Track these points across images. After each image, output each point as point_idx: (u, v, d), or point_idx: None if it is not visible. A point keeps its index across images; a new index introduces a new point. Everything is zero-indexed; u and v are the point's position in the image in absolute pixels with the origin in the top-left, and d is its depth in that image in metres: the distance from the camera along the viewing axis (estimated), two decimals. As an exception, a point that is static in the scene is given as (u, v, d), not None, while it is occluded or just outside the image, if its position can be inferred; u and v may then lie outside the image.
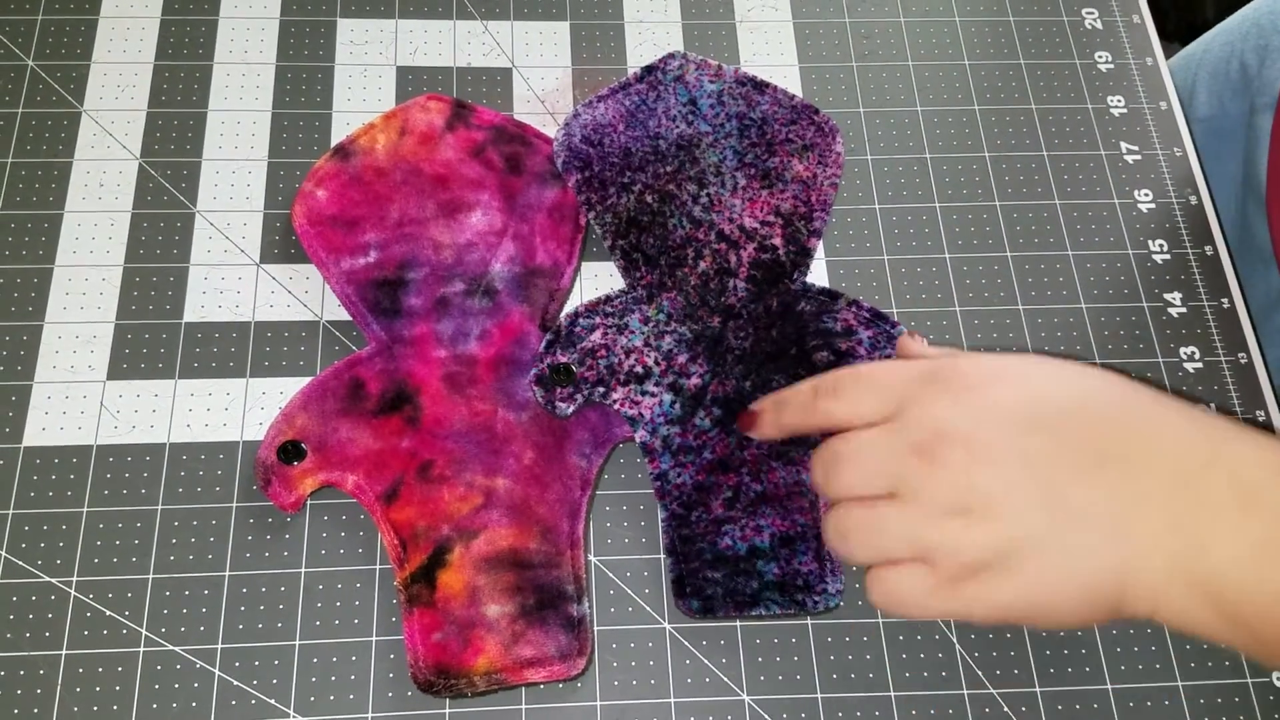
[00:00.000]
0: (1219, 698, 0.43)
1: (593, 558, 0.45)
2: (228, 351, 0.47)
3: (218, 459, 0.45)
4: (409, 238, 0.48)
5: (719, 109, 0.52)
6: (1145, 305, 0.51)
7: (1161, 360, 0.50)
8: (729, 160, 0.51)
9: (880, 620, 0.44)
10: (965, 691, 0.43)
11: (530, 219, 0.49)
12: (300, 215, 0.48)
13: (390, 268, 0.47)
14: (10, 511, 0.44)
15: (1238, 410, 0.49)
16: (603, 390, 0.46)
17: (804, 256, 0.49)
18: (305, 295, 0.49)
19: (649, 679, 0.43)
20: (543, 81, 0.54)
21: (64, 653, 0.42)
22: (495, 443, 0.45)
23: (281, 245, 0.50)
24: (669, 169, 0.51)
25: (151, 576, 0.43)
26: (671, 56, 0.53)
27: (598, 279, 0.50)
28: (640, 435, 0.46)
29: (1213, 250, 0.52)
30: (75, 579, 0.43)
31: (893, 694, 0.43)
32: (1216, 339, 0.50)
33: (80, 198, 0.50)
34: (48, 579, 0.43)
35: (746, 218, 0.50)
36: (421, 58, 0.55)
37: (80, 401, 0.46)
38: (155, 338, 0.47)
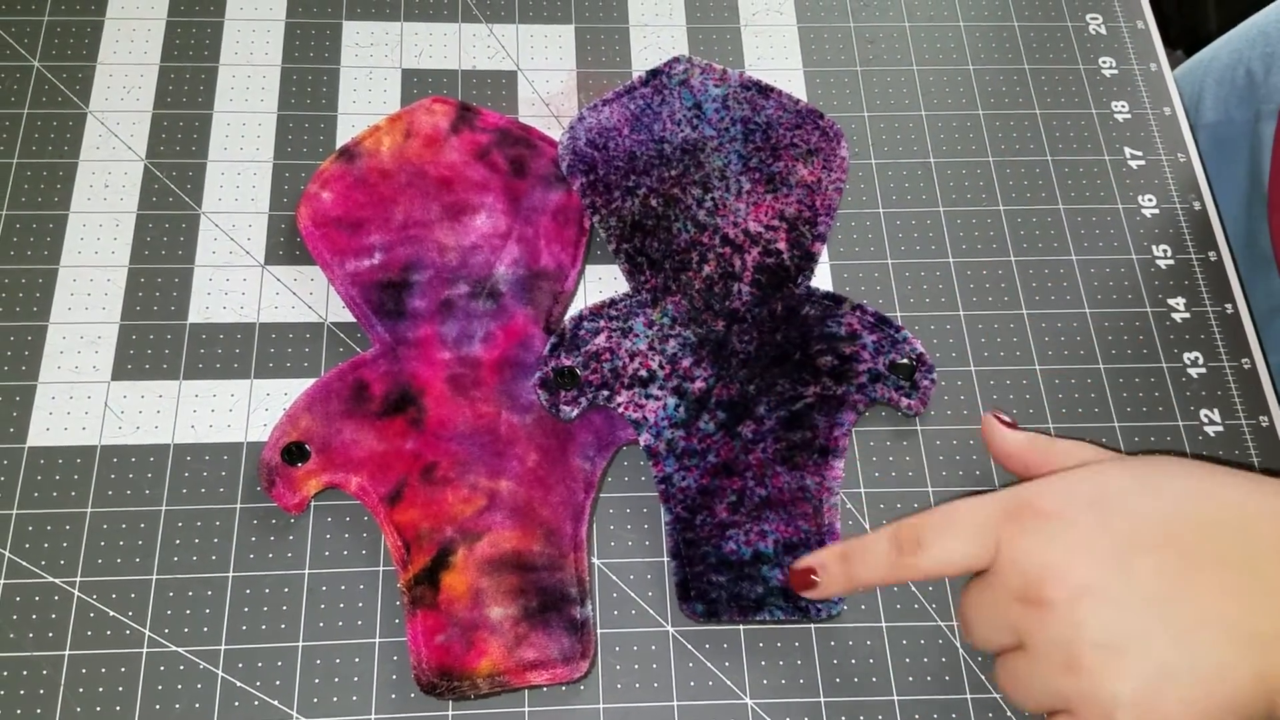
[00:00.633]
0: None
1: (596, 560, 0.45)
2: (232, 353, 0.47)
3: (222, 460, 0.45)
4: (414, 240, 0.48)
5: (724, 113, 0.52)
6: (1149, 310, 0.51)
7: (1165, 366, 0.50)
8: (734, 164, 0.51)
9: (883, 624, 0.44)
10: (969, 696, 0.43)
11: (535, 222, 0.49)
12: (305, 217, 0.48)
13: (395, 270, 0.47)
14: (14, 512, 0.44)
15: (1241, 417, 0.49)
16: (607, 393, 0.46)
17: (808, 261, 0.49)
18: (310, 297, 0.49)
19: (652, 682, 0.43)
20: (547, 84, 0.54)
21: (67, 653, 0.42)
22: (499, 445, 0.45)
23: (286, 247, 0.50)
24: (674, 173, 0.51)
25: (155, 577, 0.43)
26: (676, 60, 0.53)
27: (601, 282, 0.50)
28: (644, 438, 0.46)
29: (1216, 256, 0.53)
30: (79, 579, 0.43)
31: (895, 698, 0.43)
32: (1220, 344, 0.50)
33: (85, 199, 0.50)
34: (51, 579, 0.43)
35: (751, 222, 0.50)
36: (426, 60, 0.55)
37: (84, 402, 0.46)
38: (160, 339, 0.47)
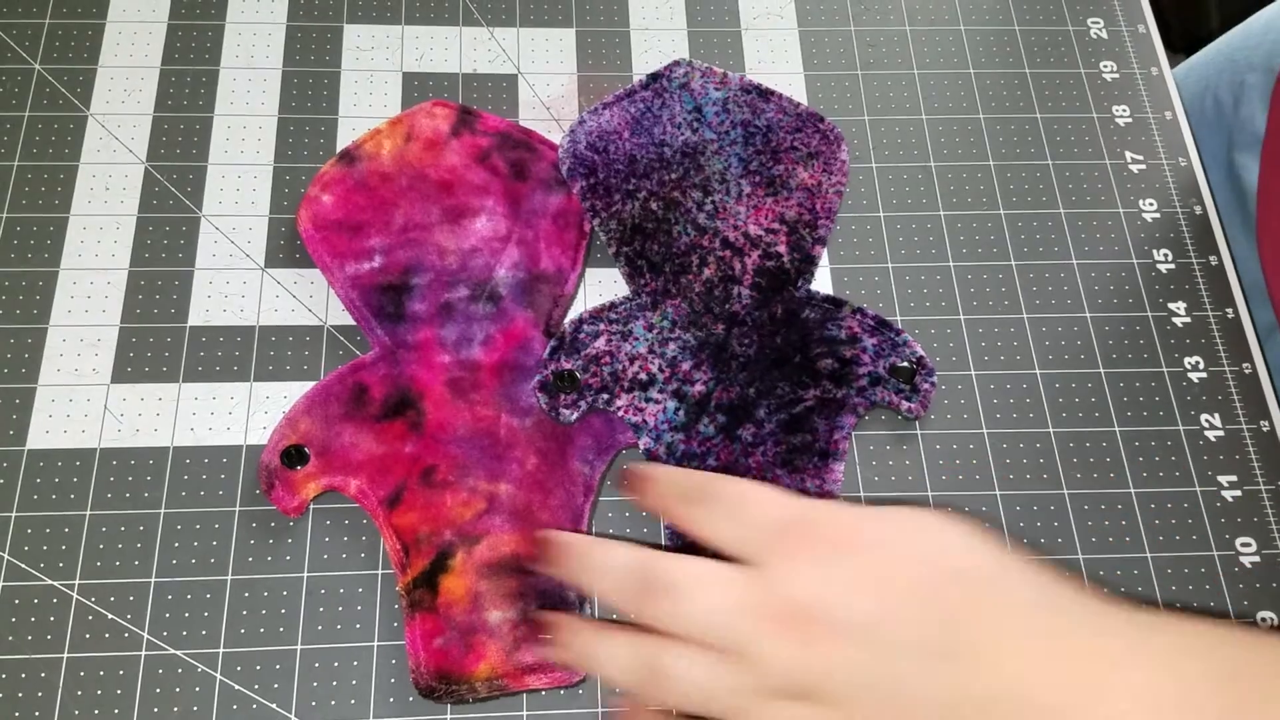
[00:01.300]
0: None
1: (595, 564, 0.45)
2: (232, 355, 0.47)
3: (221, 463, 0.45)
4: (414, 243, 0.48)
5: (724, 116, 0.52)
6: (1150, 315, 0.51)
7: (1165, 370, 0.50)
8: (734, 167, 0.51)
9: (883, 629, 0.44)
10: (968, 701, 0.43)
11: (535, 225, 0.49)
12: (305, 220, 0.48)
13: (395, 273, 0.47)
14: (13, 514, 0.44)
15: (1242, 421, 0.49)
16: (607, 397, 0.46)
17: (808, 264, 0.49)
18: (310, 300, 0.49)
19: (651, 686, 0.43)
20: (548, 88, 0.54)
21: (65, 656, 0.42)
22: (498, 448, 0.45)
23: (286, 250, 0.50)
24: (674, 176, 0.51)
25: (154, 580, 0.43)
26: (677, 64, 0.53)
27: (601, 285, 0.50)
28: (644, 442, 0.46)
29: (1217, 260, 0.52)
30: (77, 582, 0.43)
31: (895, 703, 0.43)
32: (1221, 349, 0.50)
33: (86, 201, 0.50)
34: (50, 582, 0.43)
35: (751, 225, 0.50)
36: (428, 64, 0.55)
37: (84, 405, 0.46)
38: (160, 341, 0.47)
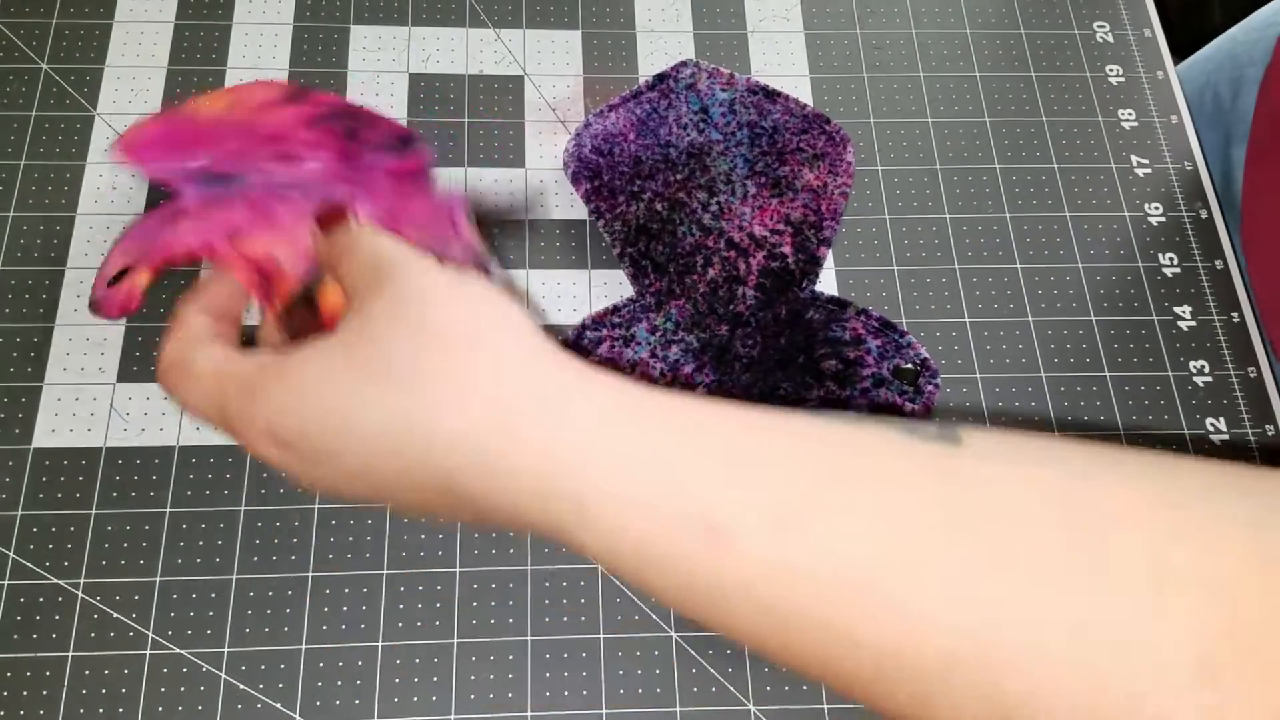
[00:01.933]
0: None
1: (599, 566, 0.45)
2: (237, 355, 0.47)
3: (226, 462, 0.45)
4: (244, 165, 0.41)
5: (730, 117, 0.52)
6: (1155, 318, 0.51)
7: (1171, 374, 0.50)
8: (739, 168, 0.51)
9: (887, 631, 0.44)
10: (972, 703, 0.43)
11: (367, 175, 0.43)
12: (123, 145, 0.39)
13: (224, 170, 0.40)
14: (19, 513, 0.44)
15: (1247, 425, 0.49)
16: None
17: (813, 265, 0.49)
18: (315, 300, 0.49)
19: (655, 688, 0.43)
20: (554, 89, 0.55)
21: (70, 654, 0.42)
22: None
23: (292, 250, 0.50)
24: (679, 177, 0.51)
25: (159, 579, 0.43)
26: (684, 64, 0.53)
27: (606, 286, 0.50)
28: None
29: (1223, 264, 0.52)
30: (83, 581, 0.43)
31: (899, 705, 0.43)
32: (1226, 353, 0.50)
33: (93, 200, 0.50)
34: (55, 580, 0.43)
35: (756, 226, 0.50)
36: (434, 65, 0.55)
37: (90, 404, 0.46)
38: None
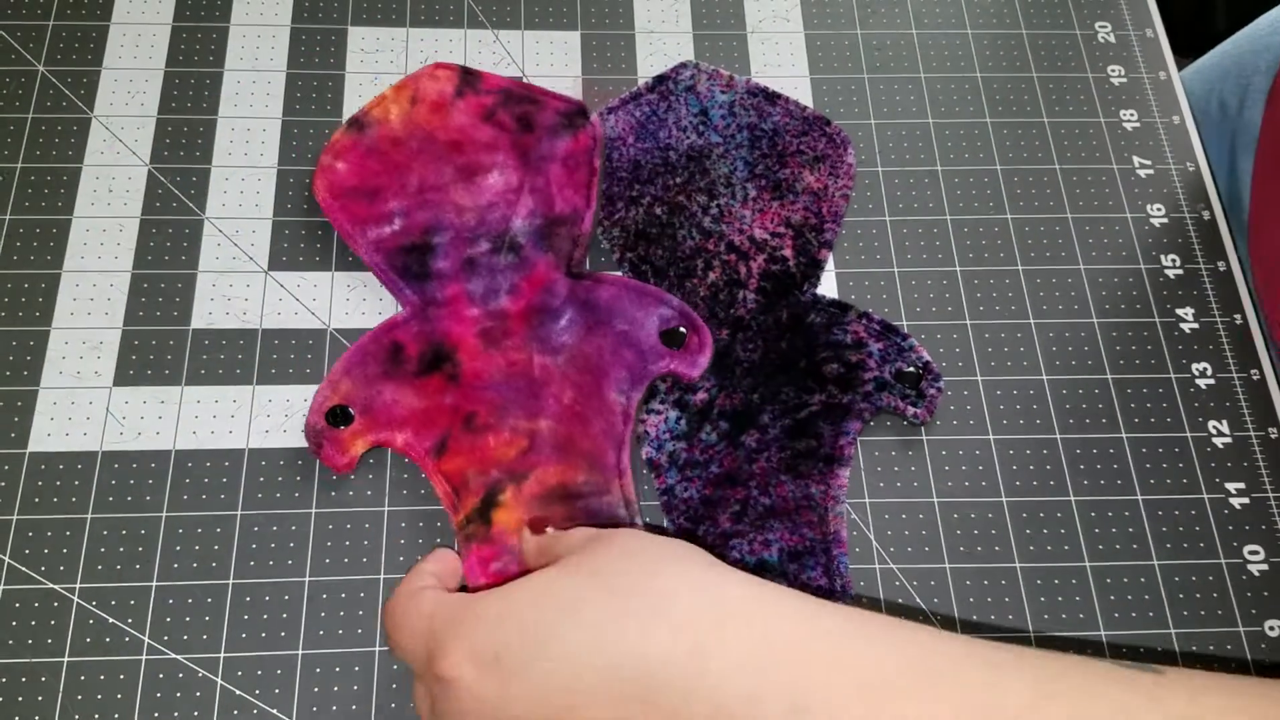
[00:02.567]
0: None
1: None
2: (234, 358, 0.47)
3: (223, 466, 0.45)
4: (431, 204, 0.48)
5: (730, 120, 0.52)
6: (1157, 320, 0.51)
7: (1173, 376, 0.49)
8: (740, 171, 0.51)
9: (888, 636, 0.44)
10: (974, 709, 0.43)
11: (545, 171, 0.49)
12: (322, 189, 0.48)
13: (416, 234, 0.48)
14: (14, 517, 0.44)
15: (1250, 428, 0.48)
16: (610, 401, 0.46)
17: (814, 268, 0.49)
18: (313, 303, 0.49)
19: (654, 693, 0.42)
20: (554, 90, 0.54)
21: (66, 660, 0.42)
22: (534, 387, 0.45)
23: (290, 252, 0.50)
24: (679, 180, 0.51)
25: (155, 584, 0.43)
26: (683, 66, 0.53)
27: (606, 289, 0.50)
28: (646, 451, 0.46)
29: (1225, 266, 0.52)
30: (78, 586, 0.43)
31: (900, 711, 0.42)
32: (1229, 355, 0.50)
33: (89, 203, 0.50)
34: (51, 585, 0.43)
35: (757, 229, 0.50)
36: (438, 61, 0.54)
37: (86, 407, 0.46)
38: (162, 344, 0.47)
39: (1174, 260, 0.52)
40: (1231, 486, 0.47)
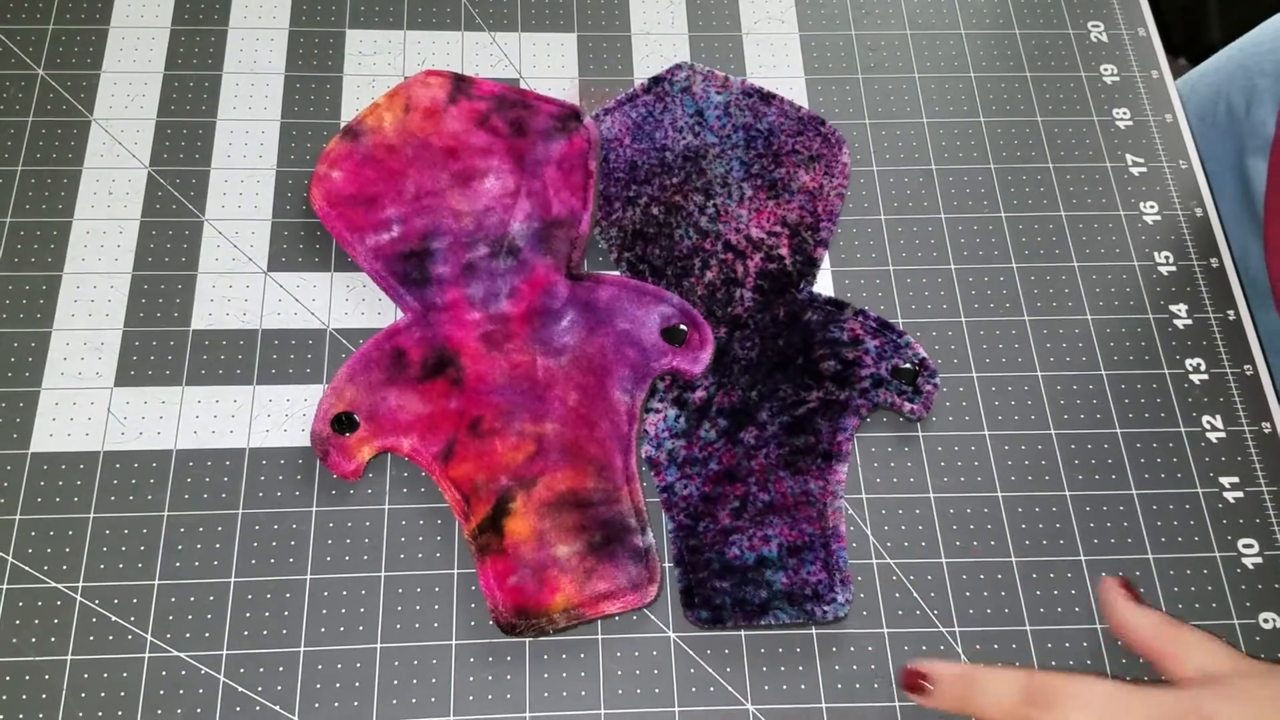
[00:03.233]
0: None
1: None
2: (235, 359, 0.47)
3: (224, 465, 0.45)
4: (428, 210, 0.49)
5: (726, 120, 0.52)
6: (1151, 317, 0.51)
7: (1167, 372, 0.50)
8: (736, 171, 0.51)
9: (885, 630, 0.44)
10: (971, 702, 0.43)
11: (541, 174, 0.50)
12: (319, 198, 0.49)
13: (414, 240, 0.48)
14: (17, 517, 0.44)
15: (1244, 423, 0.49)
16: (609, 399, 0.46)
17: (810, 266, 0.49)
18: (312, 303, 0.49)
19: (654, 688, 0.43)
20: (550, 92, 0.55)
21: (69, 658, 0.42)
22: (538, 390, 0.46)
23: (289, 253, 0.50)
24: (675, 180, 0.51)
25: (157, 582, 0.43)
26: (679, 67, 0.53)
27: (604, 288, 0.50)
28: (645, 450, 0.46)
29: (1218, 262, 0.53)
30: (81, 584, 0.43)
31: (897, 704, 0.43)
32: (1222, 350, 0.50)
33: (89, 205, 0.50)
34: (54, 584, 0.43)
35: (753, 228, 0.50)
36: (430, 68, 0.55)
37: (88, 408, 0.46)
38: (163, 345, 0.48)
39: (1167, 257, 0.53)
40: (1225, 480, 0.48)
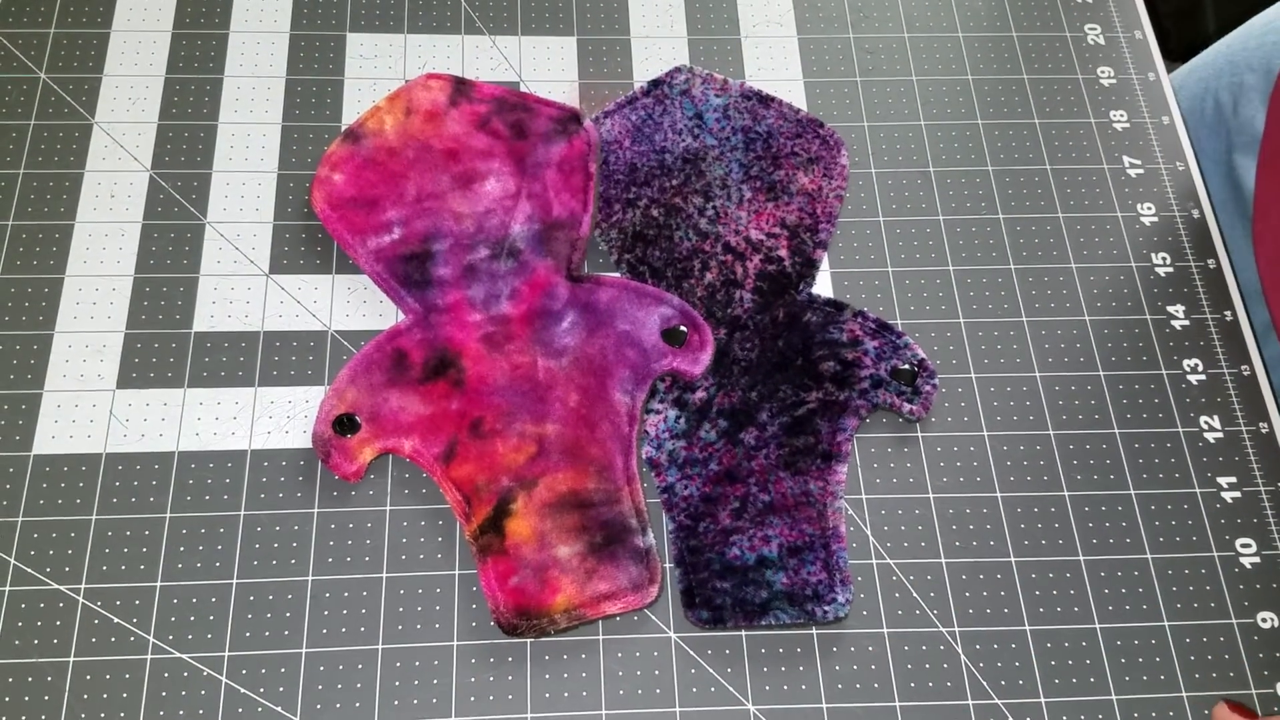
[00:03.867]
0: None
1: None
2: (236, 361, 0.48)
3: (226, 467, 0.46)
4: (429, 212, 0.49)
5: (725, 123, 0.53)
6: (1148, 318, 0.51)
7: (1165, 373, 0.50)
8: (735, 173, 0.51)
9: (885, 630, 0.44)
10: (970, 702, 0.43)
11: (541, 176, 0.50)
12: (320, 200, 0.49)
13: (415, 242, 0.48)
14: (19, 519, 0.44)
15: (1241, 423, 0.49)
16: (609, 400, 0.46)
17: (809, 268, 0.50)
18: (314, 305, 0.49)
19: (654, 689, 0.43)
20: (550, 95, 0.55)
21: (72, 660, 0.42)
22: (539, 391, 0.46)
23: (290, 256, 0.50)
24: (675, 182, 0.51)
25: (159, 584, 0.43)
26: (678, 70, 0.54)
27: (604, 290, 0.50)
28: (646, 451, 0.46)
29: (1215, 263, 0.53)
30: (83, 586, 0.43)
31: (897, 704, 0.43)
32: (1219, 351, 0.51)
33: (91, 208, 0.50)
34: (56, 586, 0.43)
35: (753, 230, 0.50)
36: (430, 71, 0.55)
37: (90, 410, 0.46)
38: (165, 347, 0.48)
39: (1164, 258, 0.53)
40: (1223, 480, 0.48)
